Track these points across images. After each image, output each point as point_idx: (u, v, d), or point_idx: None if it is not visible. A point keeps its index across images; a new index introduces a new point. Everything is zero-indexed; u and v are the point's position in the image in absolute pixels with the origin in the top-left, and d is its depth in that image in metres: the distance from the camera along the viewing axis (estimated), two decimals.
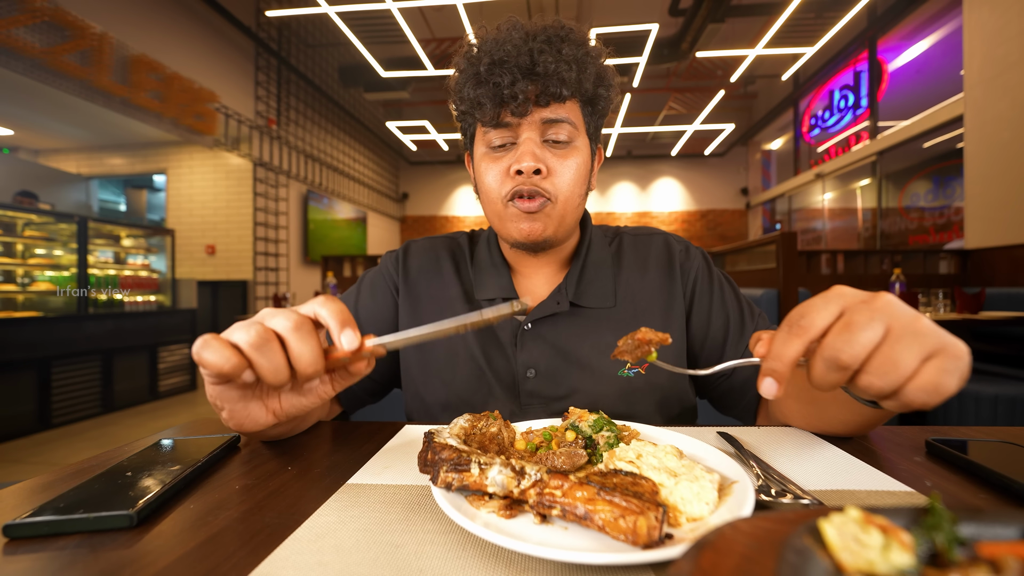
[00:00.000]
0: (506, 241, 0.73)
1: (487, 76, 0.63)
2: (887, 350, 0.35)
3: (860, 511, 0.21)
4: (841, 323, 0.36)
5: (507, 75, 0.62)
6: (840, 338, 0.36)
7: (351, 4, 4.81)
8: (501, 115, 0.65)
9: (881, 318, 0.35)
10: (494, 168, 0.68)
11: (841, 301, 0.38)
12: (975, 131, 4.10)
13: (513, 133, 0.67)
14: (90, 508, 0.38)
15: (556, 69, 0.62)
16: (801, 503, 0.36)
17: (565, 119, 0.66)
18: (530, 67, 0.62)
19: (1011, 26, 3.74)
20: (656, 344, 0.46)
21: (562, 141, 0.67)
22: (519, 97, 0.62)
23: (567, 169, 0.67)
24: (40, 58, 3.47)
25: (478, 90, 0.64)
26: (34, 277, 3.81)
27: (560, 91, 0.63)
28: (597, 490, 0.32)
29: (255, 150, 5.96)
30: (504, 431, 0.49)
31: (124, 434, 3.41)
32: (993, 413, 2.16)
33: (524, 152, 0.64)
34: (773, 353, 0.38)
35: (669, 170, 10.92)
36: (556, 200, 0.67)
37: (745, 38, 6.02)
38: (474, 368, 0.72)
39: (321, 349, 0.43)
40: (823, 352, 0.36)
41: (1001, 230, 3.76)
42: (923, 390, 0.35)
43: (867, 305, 0.37)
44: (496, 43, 0.64)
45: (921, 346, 0.35)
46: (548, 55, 0.62)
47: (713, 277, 0.77)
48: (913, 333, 0.35)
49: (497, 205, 0.69)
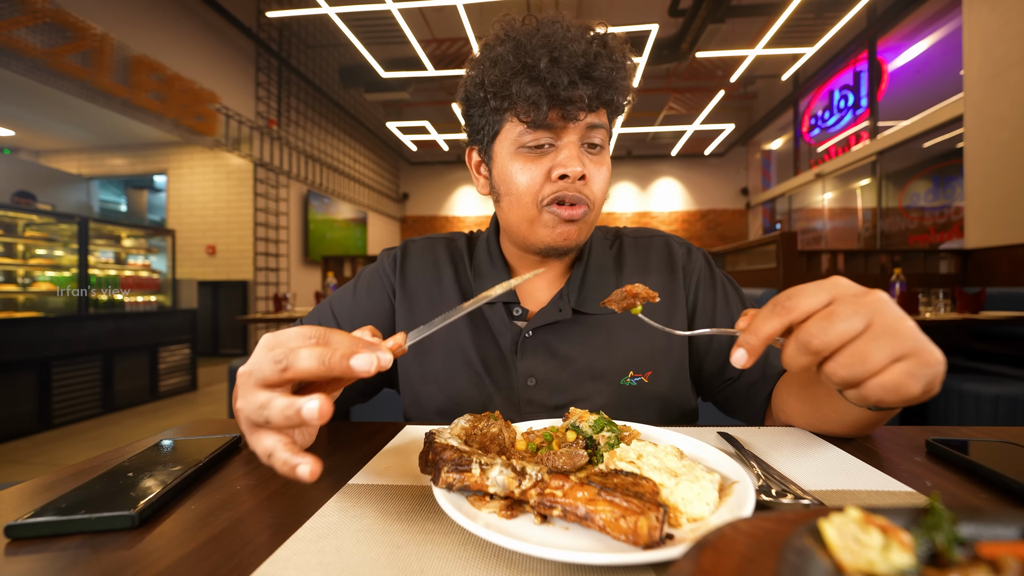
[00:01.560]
0: (531, 247, 0.70)
1: (545, 74, 0.59)
2: (860, 344, 0.36)
3: (860, 511, 0.21)
4: (825, 311, 0.37)
5: (565, 76, 0.59)
6: (817, 324, 0.37)
7: (351, 5, 4.81)
8: (550, 115, 0.62)
9: (865, 313, 0.36)
10: (531, 169, 0.64)
11: (833, 290, 0.38)
12: (975, 131, 4.10)
13: (554, 135, 0.63)
14: (92, 509, 0.38)
15: (612, 76, 0.62)
16: (801, 503, 0.36)
17: (603, 124, 0.66)
18: (587, 70, 0.61)
19: (1011, 26, 3.74)
20: (643, 299, 0.49)
21: (598, 146, 0.66)
22: (575, 99, 0.60)
23: (602, 175, 0.67)
24: (41, 59, 3.48)
25: (532, 87, 0.60)
26: (35, 277, 3.81)
27: (613, 98, 0.63)
28: (598, 490, 0.32)
29: (255, 150, 5.97)
30: (505, 431, 0.49)
31: (125, 434, 3.41)
32: (994, 413, 2.16)
33: (571, 156, 0.62)
34: (752, 327, 0.40)
35: (669, 170, 10.92)
36: (593, 207, 0.67)
37: (745, 38, 6.02)
38: (472, 376, 0.71)
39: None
40: (798, 334, 0.38)
41: (1001, 230, 3.76)
42: (883, 388, 0.36)
43: (855, 298, 0.37)
44: (547, 39, 0.61)
45: (895, 346, 0.36)
46: (604, 60, 0.61)
47: (716, 279, 0.77)
48: (891, 333, 0.36)
49: (530, 209, 0.65)
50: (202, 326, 5.95)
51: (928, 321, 2.46)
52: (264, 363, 0.37)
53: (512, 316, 0.73)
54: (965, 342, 2.95)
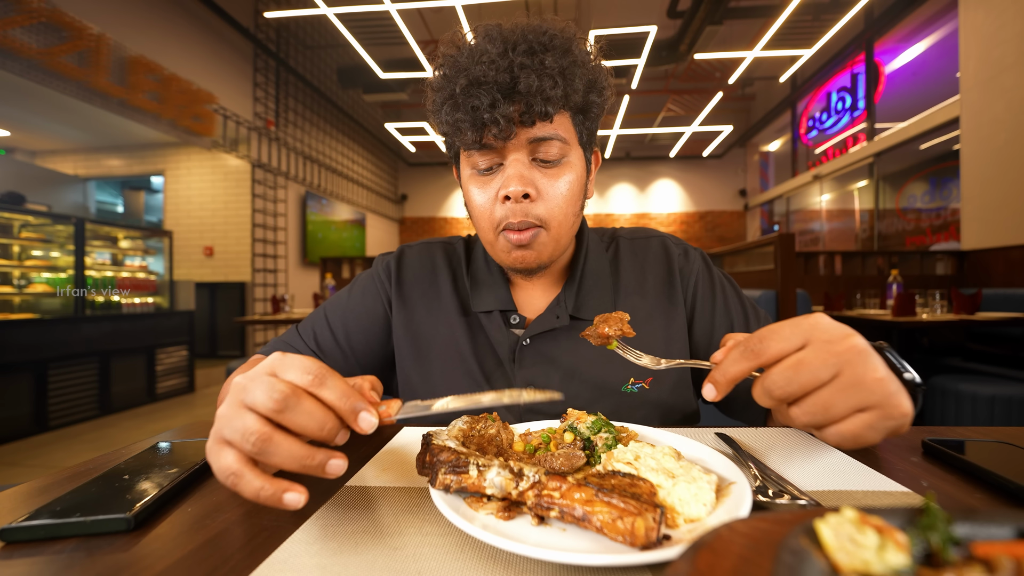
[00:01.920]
0: (499, 264, 0.72)
1: (463, 99, 0.58)
2: (825, 394, 0.36)
3: (856, 511, 0.22)
4: (794, 358, 0.38)
5: (486, 97, 0.56)
6: (783, 375, 0.37)
7: (349, 6, 4.81)
8: (484, 138, 0.59)
9: (835, 364, 0.36)
10: (482, 194, 0.64)
11: (809, 333, 0.38)
12: (971, 133, 4.12)
13: (499, 155, 0.62)
14: (87, 511, 0.38)
15: (540, 86, 0.56)
16: (798, 504, 0.36)
17: (554, 136, 0.61)
18: (510, 86, 0.57)
19: (1006, 29, 3.76)
20: (617, 336, 0.49)
21: (552, 160, 0.62)
22: (500, 121, 0.57)
23: (557, 191, 0.63)
24: (37, 59, 3.47)
25: (456, 114, 0.59)
26: (31, 279, 3.80)
27: (545, 109, 0.57)
28: (595, 491, 0.32)
29: (253, 151, 5.96)
30: (503, 433, 0.49)
31: (122, 436, 3.39)
32: (990, 413, 2.17)
33: (511, 176, 0.60)
34: (722, 366, 0.41)
35: (668, 171, 10.94)
36: (548, 226, 0.63)
37: (743, 40, 6.05)
38: (472, 385, 0.70)
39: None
40: (763, 380, 0.39)
41: (997, 231, 3.78)
42: (841, 435, 0.37)
43: (827, 346, 0.37)
44: (471, 58, 0.58)
45: (860, 399, 0.36)
46: (530, 70, 0.56)
47: (714, 280, 0.76)
48: (858, 385, 0.36)
49: (488, 233, 0.66)
50: (200, 328, 5.93)
51: (925, 322, 2.47)
52: (261, 393, 0.35)
53: (509, 324, 0.72)
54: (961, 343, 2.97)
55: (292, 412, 0.34)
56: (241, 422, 0.34)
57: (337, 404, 0.36)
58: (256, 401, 0.34)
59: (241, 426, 0.34)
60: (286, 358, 0.37)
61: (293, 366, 0.36)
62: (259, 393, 0.34)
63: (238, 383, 0.37)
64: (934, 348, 3.02)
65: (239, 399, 0.36)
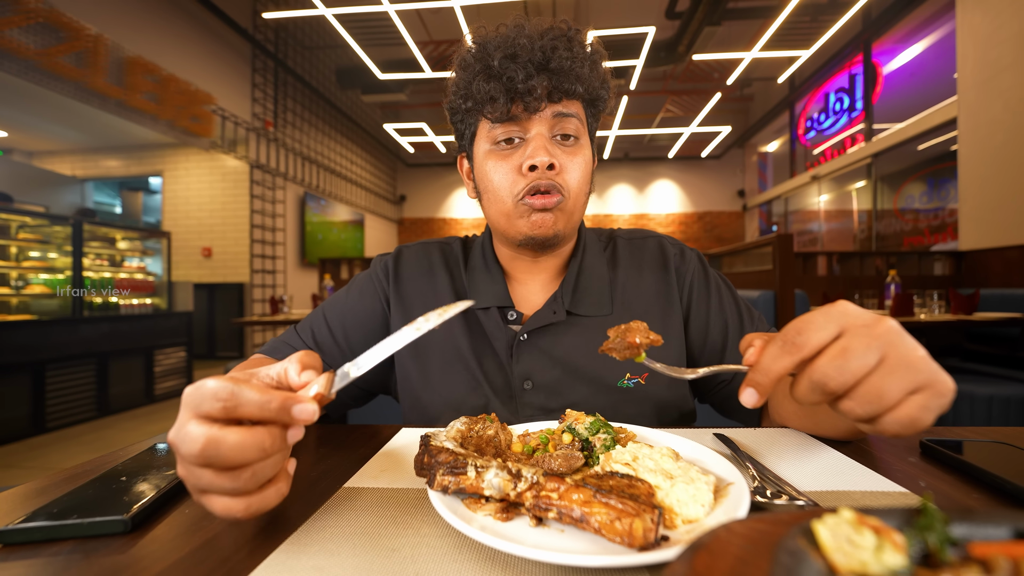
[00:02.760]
0: (513, 240, 0.71)
1: (500, 70, 0.63)
2: (876, 380, 0.35)
3: (853, 512, 0.22)
4: (838, 347, 0.36)
5: (521, 70, 0.62)
6: (832, 364, 0.35)
7: (348, 7, 4.81)
8: (512, 110, 0.64)
9: (879, 346, 0.35)
10: (503, 166, 0.66)
11: (842, 320, 0.36)
12: (969, 134, 4.14)
13: (522, 128, 0.65)
14: (84, 513, 0.38)
15: (571, 66, 0.63)
16: (796, 504, 0.37)
17: (574, 114, 0.66)
18: (543, 62, 0.63)
19: (1003, 29, 3.77)
20: (646, 347, 0.45)
21: (570, 136, 0.67)
22: (534, 91, 0.62)
23: (576, 166, 0.67)
24: (35, 60, 3.46)
25: (490, 84, 0.63)
26: (28, 280, 3.78)
27: (574, 87, 0.64)
28: (593, 492, 0.32)
29: (252, 152, 5.96)
30: (501, 434, 0.49)
31: (119, 438, 3.38)
32: (988, 413, 2.17)
33: (538, 147, 0.64)
34: (762, 366, 0.38)
35: (666, 172, 10.96)
36: (568, 196, 0.66)
37: (741, 41, 6.06)
38: (470, 380, 0.71)
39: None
40: (812, 374, 0.36)
41: (995, 232, 3.79)
42: (899, 422, 0.35)
43: (867, 330, 0.36)
44: (505, 39, 0.64)
45: (911, 380, 0.35)
46: (561, 51, 0.63)
47: (710, 280, 0.77)
48: (907, 366, 0.35)
49: (506, 204, 0.67)
50: (198, 329, 5.92)
51: (923, 322, 2.48)
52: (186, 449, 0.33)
53: (507, 320, 0.72)
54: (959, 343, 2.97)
55: (220, 457, 0.32)
56: (195, 477, 0.33)
57: (262, 416, 0.34)
58: (188, 457, 0.33)
59: (198, 479, 0.33)
60: (193, 395, 0.34)
61: (200, 403, 0.33)
62: (184, 450, 0.33)
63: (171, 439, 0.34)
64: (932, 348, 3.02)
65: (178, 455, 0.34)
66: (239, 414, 0.33)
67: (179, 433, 0.33)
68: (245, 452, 0.33)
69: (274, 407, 0.34)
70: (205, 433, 0.32)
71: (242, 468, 0.33)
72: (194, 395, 0.33)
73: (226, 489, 0.33)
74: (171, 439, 0.34)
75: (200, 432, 0.32)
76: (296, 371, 0.39)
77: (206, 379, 0.34)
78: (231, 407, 0.33)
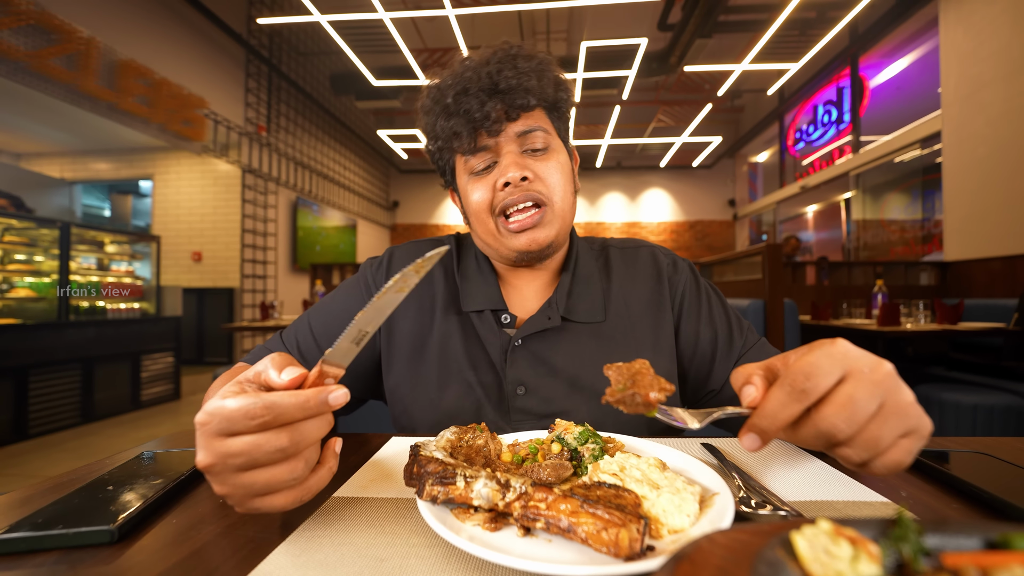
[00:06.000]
0: (507, 259, 0.72)
1: (456, 107, 0.66)
2: (874, 428, 0.36)
3: (831, 523, 0.22)
4: (844, 395, 0.36)
5: (473, 100, 0.65)
6: (841, 416, 0.35)
7: (343, 14, 4.83)
8: (478, 139, 0.67)
9: (880, 393, 0.36)
10: (480, 186, 0.69)
11: (845, 364, 0.36)
12: (953, 147, 4.23)
13: (493, 153, 0.68)
14: (69, 523, 0.37)
15: (518, 82, 0.65)
16: (779, 514, 0.37)
17: (537, 128, 0.68)
18: (493, 87, 0.65)
19: (984, 47, 3.88)
20: (659, 402, 0.39)
21: (540, 148, 0.69)
22: (491, 116, 0.65)
23: (552, 171, 0.68)
24: (25, 61, 3.43)
25: (450, 121, 0.67)
26: (13, 283, 3.72)
27: (527, 100, 0.66)
28: (580, 503, 0.33)
29: (244, 157, 5.93)
30: (491, 443, 0.49)
31: (104, 444, 3.32)
32: (972, 422, 2.21)
33: (508, 164, 0.66)
34: (768, 412, 0.37)
35: (658, 181, 11.06)
36: (552, 201, 0.68)
37: (732, 53, 6.16)
38: (463, 385, 0.70)
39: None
40: (820, 424, 0.36)
41: (979, 243, 3.87)
42: (887, 466, 0.37)
43: (870, 378, 0.36)
44: (455, 76, 0.67)
45: (904, 426, 0.36)
46: (506, 72, 0.65)
47: (701, 291, 0.78)
48: (901, 412, 0.36)
49: (488, 222, 0.69)
50: (187, 334, 5.85)
51: (910, 332, 2.51)
52: (220, 459, 0.35)
53: (501, 324, 0.73)
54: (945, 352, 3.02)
55: (279, 454, 0.35)
56: (247, 486, 0.36)
57: (305, 415, 0.37)
58: (246, 466, 0.35)
59: (251, 486, 0.36)
60: (214, 421, 0.35)
61: (229, 426, 0.35)
62: (239, 462, 0.35)
63: (200, 465, 0.35)
64: (919, 357, 3.07)
65: (220, 475, 0.35)
66: (279, 423, 0.35)
67: (218, 453, 0.34)
68: (306, 439, 0.37)
69: (313, 404, 0.37)
70: (251, 446, 0.34)
71: (296, 458, 0.36)
72: (217, 420, 0.35)
73: (286, 482, 0.36)
74: (208, 463, 0.35)
75: (246, 444, 0.34)
76: (276, 374, 0.40)
77: (219, 402, 0.35)
78: (270, 420, 0.35)
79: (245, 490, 0.35)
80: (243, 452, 0.34)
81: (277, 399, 0.35)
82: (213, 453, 0.35)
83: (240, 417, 0.34)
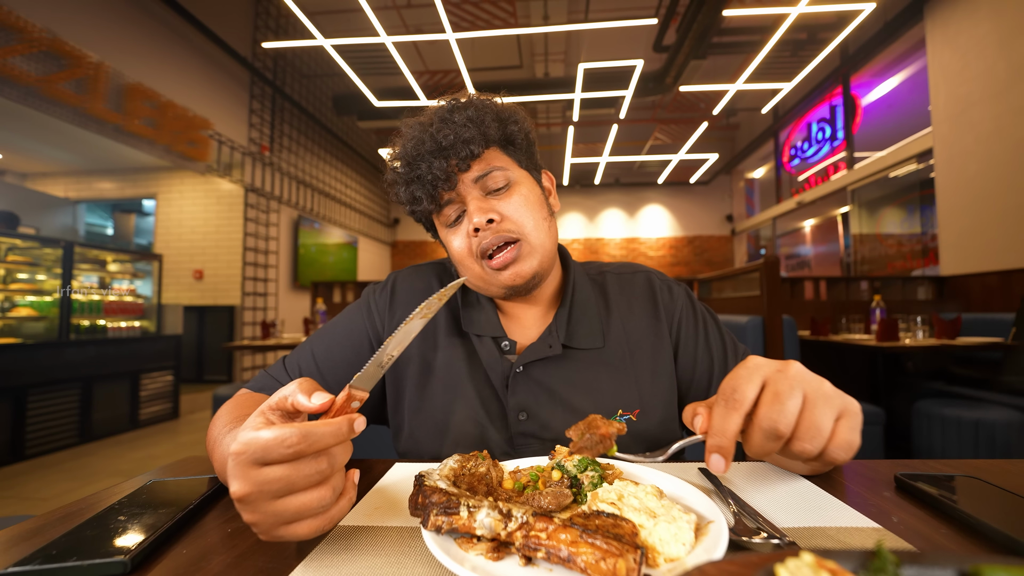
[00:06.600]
0: (497, 296, 0.74)
1: (411, 173, 0.70)
2: (809, 416, 0.40)
3: (813, 556, 0.24)
4: (770, 394, 0.40)
5: (423, 164, 0.68)
6: (773, 409, 0.39)
7: (346, 38, 4.95)
8: (440, 197, 0.70)
9: (799, 386, 0.40)
10: (457, 235, 0.71)
11: (761, 371, 0.42)
12: (944, 164, 4.30)
13: (459, 203, 0.71)
14: (83, 555, 0.38)
15: (456, 136, 0.68)
16: (772, 543, 0.38)
17: (492, 169, 0.70)
18: (438, 145, 0.68)
19: (971, 67, 3.97)
20: (615, 436, 0.48)
21: (501, 187, 0.71)
22: (442, 175, 0.68)
23: (516, 205, 0.70)
24: (35, 86, 3.50)
25: (410, 188, 0.71)
26: (15, 302, 3.74)
27: (471, 150, 0.68)
28: (580, 532, 0.34)
29: (247, 176, 6.00)
30: (492, 471, 0.50)
31: (102, 465, 3.30)
32: (974, 438, 2.20)
33: (472, 211, 0.68)
34: (715, 429, 0.41)
35: (656, 197, 11.17)
36: (524, 236, 0.69)
37: (726, 73, 6.29)
38: (467, 410, 0.72)
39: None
40: (760, 423, 0.40)
41: (974, 257, 3.90)
42: (840, 448, 0.40)
43: (784, 375, 0.41)
44: (404, 146, 0.72)
45: (833, 408, 0.40)
46: (445, 129, 0.68)
47: (697, 316, 0.79)
48: (824, 398, 0.40)
49: (474, 267, 0.71)
50: (187, 352, 5.84)
51: (909, 347, 2.52)
52: (257, 487, 0.36)
53: (501, 351, 0.74)
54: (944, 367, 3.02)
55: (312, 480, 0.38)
56: (278, 513, 0.37)
57: (337, 442, 0.39)
58: (281, 492, 0.37)
59: (282, 512, 0.37)
60: (250, 451, 0.36)
61: (264, 455, 0.36)
62: (276, 487, 0.37)
63: (234, 496, 0.37)
64: (919, 372, 3.07)
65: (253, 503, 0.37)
66: (314, 451, 0.37)
67: (255, 481, 0.36)
68: (337, 465, 0.39)
69: (345, 431, 0.39)
70: (288, 473, 0.36)
71: (326, 485, 0.38)
72: (253, 450, 0.36)
73: (315, 510, 0.38)
74: (244, 492, 0.36)
75: (283, 472, 0.36)
76: (305, 399, 0.43)
77: (253, 432, 0.37)
78: (304, 448, 0.37)
79: (276, 518, 0.37)
80: (281, 479, 0.36)
81: (312, 428, 0.37)
82: (250, 482, 0.36)
83: (276, 446, 0.36)
